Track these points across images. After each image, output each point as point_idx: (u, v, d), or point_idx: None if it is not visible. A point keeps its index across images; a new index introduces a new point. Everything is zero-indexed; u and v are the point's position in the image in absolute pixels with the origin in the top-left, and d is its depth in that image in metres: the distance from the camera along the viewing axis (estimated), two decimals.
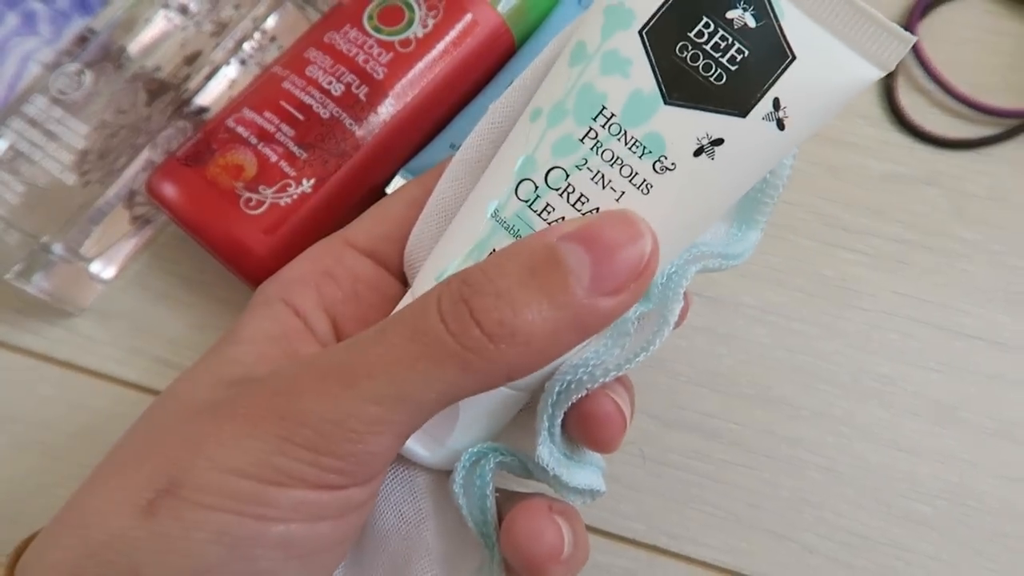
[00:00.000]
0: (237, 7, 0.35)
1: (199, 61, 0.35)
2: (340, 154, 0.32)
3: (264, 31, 0.37)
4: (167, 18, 0.35)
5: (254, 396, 0.21)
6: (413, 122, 0.33)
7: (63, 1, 0.36)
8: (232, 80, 0.36)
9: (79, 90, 0.33)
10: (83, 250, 0.34)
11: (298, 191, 0.31)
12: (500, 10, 0.34)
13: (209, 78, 0.35)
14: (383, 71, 0.32)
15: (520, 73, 0.25)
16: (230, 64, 0.36)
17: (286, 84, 0.32)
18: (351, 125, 0.32)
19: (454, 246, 0.24)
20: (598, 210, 0.22)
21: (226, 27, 0.35)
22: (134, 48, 0.34)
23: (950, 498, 0.33)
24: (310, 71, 0.32)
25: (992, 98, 0.38)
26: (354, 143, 0.32)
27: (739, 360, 0.35)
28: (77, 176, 0.33)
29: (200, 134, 0.32)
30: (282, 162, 0.31)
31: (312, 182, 0.31)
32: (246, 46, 0.36)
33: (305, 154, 0.31)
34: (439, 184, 0.26)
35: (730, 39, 0.21)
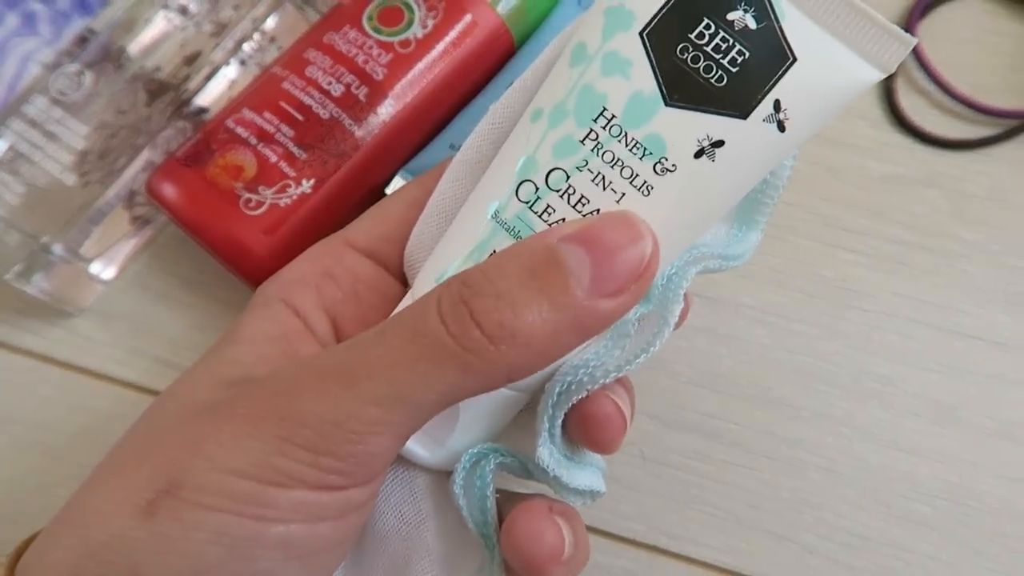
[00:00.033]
0: (237, 8, 0.35)
1: (199, 61, 0.35)
2: (340, 155, 0.32)
3: (264, 32, 0.37)
4: (167, 19, 0.35)
5: (254, 397, 0.21)
6: (413, 123, 0.33)
7: (63, 2, 0.36)
8: (232, 81, 0.36)
9: (79, 91, 0.33)
10: (83, 250, 0.34)
11: (298, 191, 0.31)
12: (500, 11, 0.34)
13: (209, 79, 0.35)
14: (383, 72, 0.32)
15: (520, 74, 0.25)
16: (230, 65, 0.36)
17: (286, 85, 0.32)
18: (351, 125, 0.32)
19: (454, 247, 0.24)
20: (598, 211, 0.22)
21: (226, 28, 0.35)
22: (134, 49, 0.34)
23: (950, 498, 0.33)
24: (310, 72, 0.32)
25: (992, 99, 0.38)
26: (354, 143, 0.32)
27: (739, 361, 0.35)
28: (77, 176, 0.33)
29: (200, 135, 0.32)
30: (282, 162, 0.31)
31: (312, 182, 0.31)
32: (246, 47, 0.36)
33: (305, 155, 0.31)
34: (439, 185, 0.26)
35: (731, 41, 0.21)
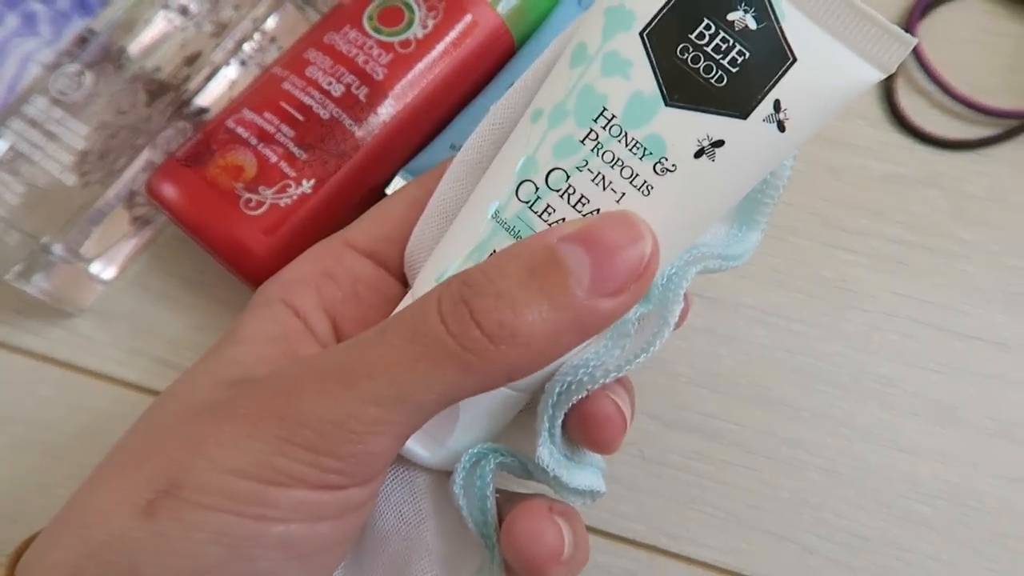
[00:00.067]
0: (237, 8, 0.35)
1: (199, 62, 0.35)
2: (340, 155, 0.32)
3: (264, 32, 0.37)
4: (167, 19, 0.35)
5: (254, 397, 0.21)
6: (413, 123, 0.33)
7: (63, 2, 0.36)
8: (232, 81, 0.36)
9: (79, 91, 0.33)
10: (83, 251, 0.34)
11: (298, 192, 0.31)
12: (500, 11, 0.34)
13: (209, 79, 0.35)
14: (383, 72, 0.32)
15: (520, 74, 0.25)
16: (230, 65, 0.36)
17: (286, 85, 0.32)
18: (351, 126, 0.32)
19: (454, 247, 0.24)
20: (598, 211, 0.22)
21: (226, 28, 0.35)
22: (134, 49, 0.34)
23: (950, 498, 0.33)
24: (310, 72, 0.32)
25: (992, 99, 0.38)
26: (354, 144, 0.32)
27: (739, 361, 0.35)
28: (77, 177, 0.33)
29: (200, 135, 0.32)
30: (282, 163, 0.31)
31: (312, 183, 0.31)
32: (246, 47, 0.36)
33: (305, 155, 0.31)
34: (440, 185, 0.26)
35: (731, 41, 0.21)
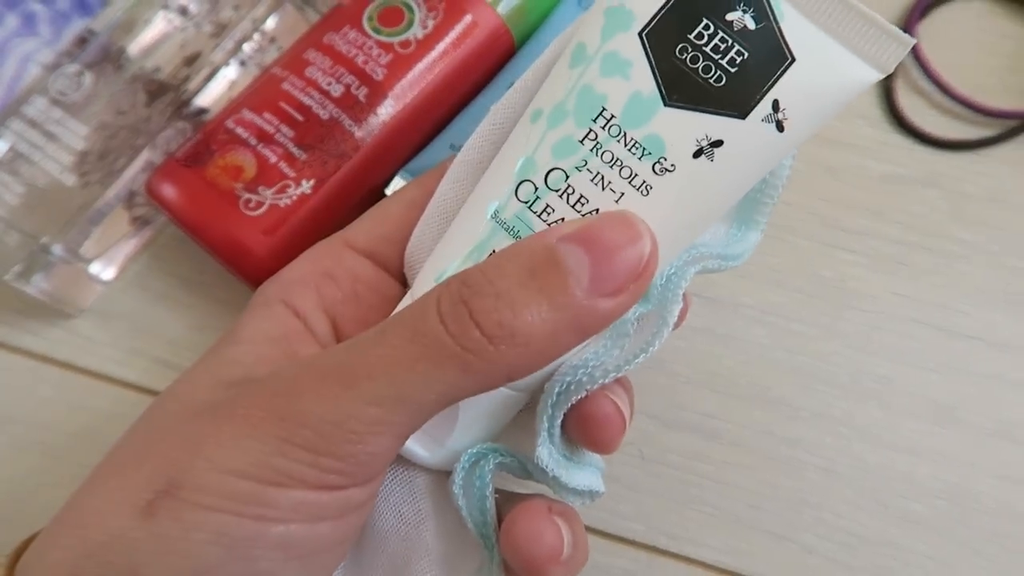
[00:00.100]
0: (236, 8, 0.36)
1: (199, 62, 0.35)
2: (339, 155, 0.32)
3: (264, 32, 0.37)
4: (167, 19, 0.35)
5: (253, 397, 0.21)
6: (413, 123, 0.33)
7: (63, 2, 0.36)
8: (232, 81, 0.36)
9: (79, 91, 0.33)
10: (83, 251, 0.34)
11: (297, 192, 0.31)
12: (500, 11, 0.34)
13: (209, 79, 0.35)
14: (382, 72, 0.32)
15: (520, 74, 0.25)
16: (229, 65, 0.36)
17: (285, 85, 0.32)
18: (350, 126, 0.32)
19: (454, 247, 0.24)
20: (598, 211, 0.22)
21: (226, 28, 0.35)
22: (134, 49, 0.34)
23: (948, 498, 0.33)
24: (309, 72, 0.32)
25: (991, 99, 0.38)
26: (353, 144, 0.32)
27: (738, 361, 0.35)
28: (77, 177, 0.33)
29: (200, 135, 0.32)
30: (281, 163, 0.31)
31: (311, 183, 0.31)
32: (246, 47, 0.36)
33: (304, 155, 0.31)
34: (440, 186, 0.26)
35: (730, 41, 0.21)
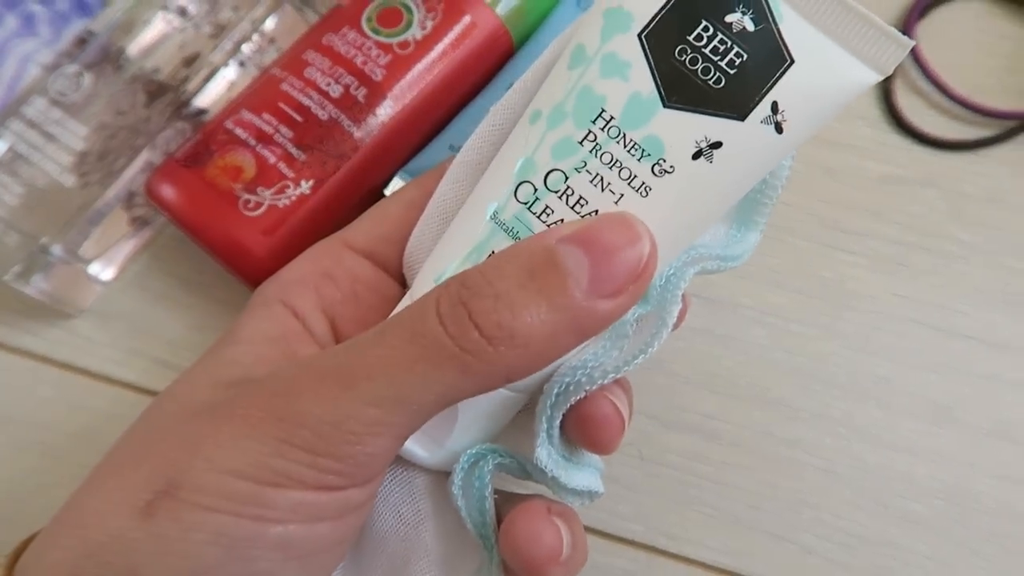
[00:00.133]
0: (236, 9, 0.36)
1: (198, 63, 0.35)
2: (339, 156, 0.32)
3: (263, 33, 0.37)
4: (166, 20, 0.35)
5: (252, 397, 0.21)
6: (411, 124, 0.33)
7: (62, 3, 0.36)
8: (231, 82, 0.36)
9: (78, 92, 0.33)
10: (82, 251, 0.34)
11: (296, 192, 0.31)
12: (499, 12, 0.34)
13: (208, 80, 0.35)
14: (381, 73, 0.32)
15: (519, 75, 0.25)
16: (229, 66, 0.36)
17: (284, 86, 0.32)
18: (349, 127, 0.32)
19: (453, 248, 0.24)
20: (597, 212, 0.22)
21: (225, 29, 0.35)
22: (133, 50, 0.34)
23: (947, 498, 0.33)
24: (308, 73, 0.32)
25: (989, 100, 0.38)
26: (352, 145, 0.32)
27: (737, 361, 0.35)
28: (76, 177, 0.33)
29: (199, 136, 0.32)
30: (280, 163, 0.31)
31: (311, 183, 0.31)
32: (245, 48, 0.36)
33: (303, 156, 0.31)
34: (440, 186, 0.26)
35: (729, 43, 0.21)
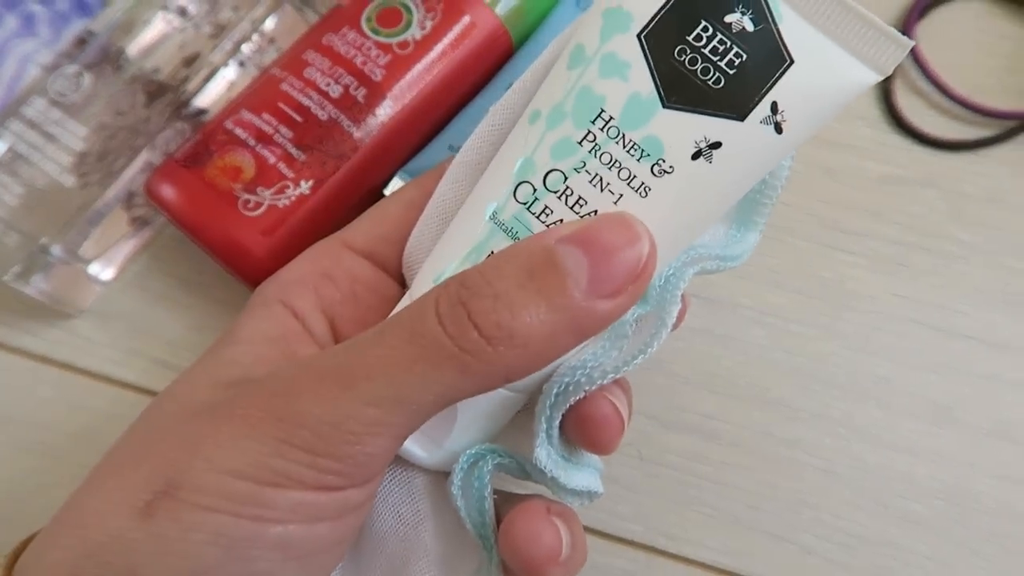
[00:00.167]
0: (235, 9, 0.36)
1: (198, 63, 0.35)
2: (338, 156, 0.32)
3: (262, 33, 0.37)
4: (166, 20, 0.35)
5: (252, 397, 0.21)
6: (411, 124, 0.33)
7: (62, 3, 0.36)
8: (231, 82, 0.36)
9: (78, 92, 0.33)
10: (82, 252, 0.34)
11: (296, 193, 0.31)
12: (498, 12, 0.34)
13: (208, 80, 0.35)
14: (381, 73, 0.32)
15: (518, 75, 0.25)
16: (228, 66, 0.36)
17: (284, 86, 0.32)
18: (349, 127, 0.32)
19: (452, 248, 0.24)
20: (596, 212, 0.22)
21: (224, 29, 0.35)
22: (133, 50, 0.34)
23: (947, 498, 0.33)
24: (308, 73, 0.32)
25: (989, 100, 0.38)
26: (352, 145, 0.32)
27: (737, 361, 0.35)
28: (76, 178, 0.33)
29: (199, 136, 0.32)
30: (280, 164, 0.31)
31: (310, 184, 0.31)
32: (244, 48, 0.36)
33: (303, 156, 0.31)
34: (439, 186, 0.26)
35: (728, 43, 0.21)
